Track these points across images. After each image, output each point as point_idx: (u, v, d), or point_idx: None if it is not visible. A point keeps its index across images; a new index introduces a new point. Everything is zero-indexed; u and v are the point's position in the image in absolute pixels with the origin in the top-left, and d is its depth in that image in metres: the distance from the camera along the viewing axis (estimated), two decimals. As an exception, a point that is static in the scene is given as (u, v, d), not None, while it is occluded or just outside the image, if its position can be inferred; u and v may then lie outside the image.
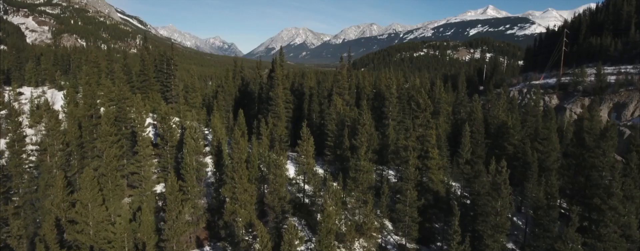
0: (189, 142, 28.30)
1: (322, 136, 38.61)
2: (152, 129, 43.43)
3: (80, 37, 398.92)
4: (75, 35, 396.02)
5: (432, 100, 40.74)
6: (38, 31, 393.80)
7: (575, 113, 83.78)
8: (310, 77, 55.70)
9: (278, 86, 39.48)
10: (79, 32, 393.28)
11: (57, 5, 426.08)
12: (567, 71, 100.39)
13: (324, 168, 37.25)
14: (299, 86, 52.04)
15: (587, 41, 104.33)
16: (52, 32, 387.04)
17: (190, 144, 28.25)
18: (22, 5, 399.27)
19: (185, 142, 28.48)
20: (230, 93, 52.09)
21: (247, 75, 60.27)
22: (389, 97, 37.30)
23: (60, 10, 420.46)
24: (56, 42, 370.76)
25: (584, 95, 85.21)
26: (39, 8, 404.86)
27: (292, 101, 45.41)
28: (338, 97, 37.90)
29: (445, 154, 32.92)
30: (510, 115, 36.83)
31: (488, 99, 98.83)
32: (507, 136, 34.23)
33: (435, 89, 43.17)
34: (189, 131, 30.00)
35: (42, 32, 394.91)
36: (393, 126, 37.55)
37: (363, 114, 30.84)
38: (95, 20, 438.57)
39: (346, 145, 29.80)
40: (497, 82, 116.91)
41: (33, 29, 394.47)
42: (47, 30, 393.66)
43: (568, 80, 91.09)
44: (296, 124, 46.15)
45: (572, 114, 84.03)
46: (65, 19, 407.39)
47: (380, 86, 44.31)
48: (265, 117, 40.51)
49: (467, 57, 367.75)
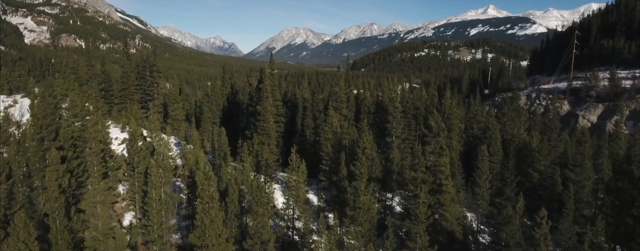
0: (154, 173, 23.69)
1: (317, 156, 34.00)
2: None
3: (79, 37, 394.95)
4: (74, 36, 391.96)
5: (441, 115, 36.02)
6: (36, 31, 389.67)
7: (588, 120, 79.03)
8: (305, 87, 50.78)
9: (266, 98, 34.67)
10: (77, 32, 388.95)
11: (56, 5, 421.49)
12: (577, 74, 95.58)
13: (318, 194, 32.69)
14: (292, 97, 47.20)
15: (598, 43, 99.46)
16: (50, 32, 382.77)
17: (155, 175, 23.64)
18: (21, 5, 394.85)
19: (150, 172, 23.90)
20: (218, 103, 47.39)
21: (237, 82, 55.55)
22: (393, 112, 32.64)
23: (59, 10, 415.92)
24: (54, 42, 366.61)
25: (597, 101, 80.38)
26: (38, 8, 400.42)
27: (284, 114, 40.70)
28: (335, 113, 33.21)
29: (459, 180, 28.29)
30: (533, 134, 31.94)
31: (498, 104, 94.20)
32: (531, 160, 29.52)
33: (444, 102, 38.22)
34: (157, 158, 25.39)
35: (41, 32, 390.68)
36: (397, 145, 32.93)
37: (363, 136, 26.24)
38: (94, 20, 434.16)
39: (343, 174, 25.28)
40: (503, 85, 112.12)
41: (31, 29, 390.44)
42: (46, 31, 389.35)
43: (580, 85, 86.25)
44: (289, 139, 41.53)
45: (585, 121, 79.27)
46: (64, 19, 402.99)
47: (382, 98, 39.55)
48: (253, 132, 35.86)
49: (468, 58, 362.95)
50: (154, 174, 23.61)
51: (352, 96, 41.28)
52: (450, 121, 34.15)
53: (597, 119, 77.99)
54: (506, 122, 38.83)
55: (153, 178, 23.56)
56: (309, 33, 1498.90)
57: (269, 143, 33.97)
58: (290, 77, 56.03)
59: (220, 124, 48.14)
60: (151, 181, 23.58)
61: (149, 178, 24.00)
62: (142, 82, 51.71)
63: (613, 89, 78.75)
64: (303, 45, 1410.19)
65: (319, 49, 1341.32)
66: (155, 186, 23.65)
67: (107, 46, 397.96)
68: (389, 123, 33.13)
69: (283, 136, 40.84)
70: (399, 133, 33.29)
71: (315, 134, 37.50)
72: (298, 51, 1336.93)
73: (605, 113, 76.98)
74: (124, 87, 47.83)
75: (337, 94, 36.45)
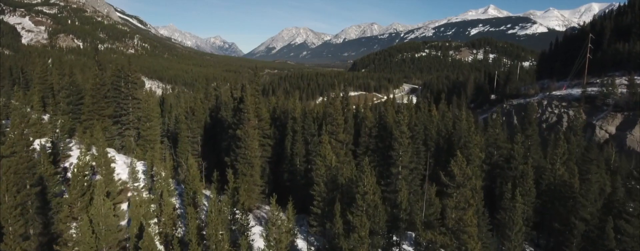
0: (85, 234, 17.87)
1: (308, 188, 28.55)
2: (94, 175, 33.28)
3: (76, 37, 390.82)
4: (71, 36, 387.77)
5: (455, 138, 30.47)
6: (34, 31, 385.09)
7: (606, 131, 73.41)
8: (295, 102, 44.49)
9: (248, 121, 28.78)
10: (75, 32, 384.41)
11: (54, 5, 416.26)
12: (590, 80, 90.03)
13: (307, 239, 27.17)
14: (282, 114, 41.43)
15: (612, 47, 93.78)
16: (48, 33, 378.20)
17: (85, 241, 17.74)
18: (19, 5, 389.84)
19: (80, 241, 17.93)
20: (199, 120, 41.76)
21: (222, 93, 49.77)
22: (399, 137, 27.14)
23: (58, 10, 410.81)
24: (52, 42, 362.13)
25: (615, 110, 74.74)
26: (36, 8, 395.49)
27: (272, 135, 34.98)
28: (329, 140, 27.44)
29: (483, 228, 22.61)
30: (571, 166, 26.08)
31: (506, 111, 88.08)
32: (573, 204, 23.86)
33: (460, 124, 32.31)
34: (95, 212, 19.52)
35: (39, 32, 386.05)
36: (404, 176, 27.47)
37: (363, 178, 20.75)
38: (92, 20, 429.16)
39: (338, 226, 19.86)
40: (512, 91, 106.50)
41: (29, 29, 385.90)
42: (44, 31, 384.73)
43: (595, 92, 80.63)
44: (278, 164, 35.89)
45: (603, 132, 73.68)
46: (62, 19, 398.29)
47: (385, 116, 33.75)
48: (234, 161, 30.26)
49: (469, 58, 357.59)
50: (84, 234, 18.06)
51: (351, 116, 35.48)
52: (467, 149, 28.53)
53: (616, 130, 72.39)
54: (531, 146, 33.18)
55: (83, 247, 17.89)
56: (309, 33, 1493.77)
57: (252, 174, 28.48)
58: (274, 99, 50.65)
59: (203, 142, 42.62)
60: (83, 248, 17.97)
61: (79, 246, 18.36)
62: (116, 94, 46.19)
63: (632, 98, 73.08)
64: (303, 45, 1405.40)
65: (319, 48, 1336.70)
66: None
67: (106, 46, 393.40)
68: (394, 151, 27.61)
69: (271, 160, 35.33)
70: (406, 162, 27.76)
71: (307, 162, 31.97)
72: (298, 51, 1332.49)
73: (625, 124, 71.39)
74: (93, 101, 42.30)
75: (332, 116, 30.82)
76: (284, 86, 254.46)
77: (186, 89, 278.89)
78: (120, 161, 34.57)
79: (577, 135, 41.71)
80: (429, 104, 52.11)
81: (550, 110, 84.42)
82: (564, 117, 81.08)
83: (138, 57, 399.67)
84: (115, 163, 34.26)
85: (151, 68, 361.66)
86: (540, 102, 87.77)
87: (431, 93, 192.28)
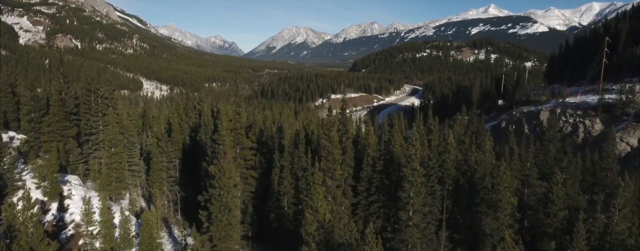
0: None
1: (297, 231, 23.19)
2: (54, 214, 27.89)
3: (75, 37, 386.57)
4: (69, 36, 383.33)
5: (479, 176, 25.02)
6: (32, 31, 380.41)
7: (627, 144, 67.90)
8: (289, 126, 37.88)
9: (224, 155, 22.94)
10: (73, 32, 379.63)
11: (53, 4, 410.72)
12: (606, 86, 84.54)
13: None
14: (270, 139, 35.65)
15: (629, 51, 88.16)
16: (46, 33, 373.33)
17: None
18: (17, 4, 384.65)
19: None
20: (177, 141, 36.17)
21: (206, 109, 44.11)
22: (410, 176, 21.85)
23: (56, 10, 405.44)
24: (50, 42, 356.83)
25: (636, 120, 69.27)
26: (34, 7, 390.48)
27: (256, 165, 29.29)
28: (323, 180, 21.88)
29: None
30: (635, 222, 20.64)
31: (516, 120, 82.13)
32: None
33: (484, 157, 26.51)
34: None
35: (36, 32, 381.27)
36: (416, 223, 22.15)
37: (368, 243, 15.36)
38: (91, 20, 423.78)
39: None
40: (521, 97, 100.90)
41: (27, 29, 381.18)
42: (42, 31, 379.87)
43: (612, 99, 75.09)
44: (264, 199, 30.28)
45: (624, 145, 68.16)
46: (61, 19, 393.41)
47: (393, 147, 27.86)
48: (208, 202, 24.85)
49: (471, 59, 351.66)
50: None
51: (349, 145, 29.58)
52: (497, 193, 22.92)
53: (638, 143, 66.91)
54: (567, 179, 27.73)
55: None
56: (309, 32, 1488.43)
57: (229, 219, 22.97)
58: (260, 120, 45.63)
59: (181, 166, 37.14)
60: None
61: None
62: (86, 110, 40.66)
63: (656, 107, 67.71)
64: (303, 44, 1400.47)
65: (319, 48, 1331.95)
66: None
67: (104, 46, 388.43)
68: (403, 192, 22.23)
69: (256, 194, 29.84)
70: (419, 206, 22.38)
71: (297, 203, 26.45)
72: (298, 50, 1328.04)
73: (648, 136, 65.93)
74: (55, 119, 36.88)
75: (327, 149, 25.11)
76: (283, 87, 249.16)
77: (185, 89, 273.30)
78: (77, 197, 29.13)
79: (608, 158, 36.19)
80: (439, 122, 45.89)
81: (564, 119, 78.82)
82: (579, 128, 75.54)
83: (137, 57, 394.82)
84: (70, 198, 28.90)
85: (149, 68, 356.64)
86: (553, 110, 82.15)
87: (433, 95, 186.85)
